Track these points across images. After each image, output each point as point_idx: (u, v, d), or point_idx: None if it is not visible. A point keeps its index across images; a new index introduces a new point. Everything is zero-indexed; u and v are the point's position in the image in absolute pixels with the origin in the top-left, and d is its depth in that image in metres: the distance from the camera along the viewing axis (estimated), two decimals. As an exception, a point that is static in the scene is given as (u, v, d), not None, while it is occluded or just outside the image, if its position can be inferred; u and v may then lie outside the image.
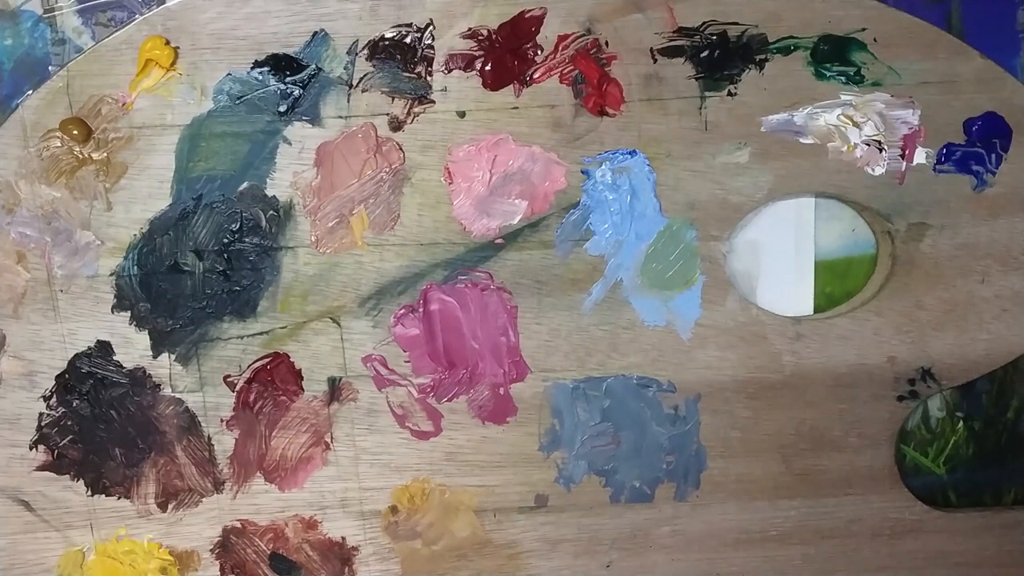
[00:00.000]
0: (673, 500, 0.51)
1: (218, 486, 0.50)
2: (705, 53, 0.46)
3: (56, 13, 0.48)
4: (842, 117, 0.46)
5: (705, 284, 0.48)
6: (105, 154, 0.47)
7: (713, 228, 0.48)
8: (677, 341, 0.49)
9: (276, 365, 0.49)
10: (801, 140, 0.47)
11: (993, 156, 0.47)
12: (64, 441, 0.50)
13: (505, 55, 0.46)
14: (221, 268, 0.48)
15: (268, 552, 0.51)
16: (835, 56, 0.46)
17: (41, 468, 0.50)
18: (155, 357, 0.49)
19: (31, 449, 0.50)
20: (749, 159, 0.47)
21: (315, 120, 0.47)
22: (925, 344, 0.48)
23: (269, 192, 0.47)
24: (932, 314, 0.48)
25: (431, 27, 0.46)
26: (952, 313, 0.48)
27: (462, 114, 0.47)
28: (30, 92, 0.47)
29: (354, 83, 0.46)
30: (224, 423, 0.50)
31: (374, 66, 0.46)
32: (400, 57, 0.46)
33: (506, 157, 0.47)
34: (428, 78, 0.46)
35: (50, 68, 0.48)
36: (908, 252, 0.48)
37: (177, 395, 0.49)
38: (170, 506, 0.51)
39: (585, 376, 0.49)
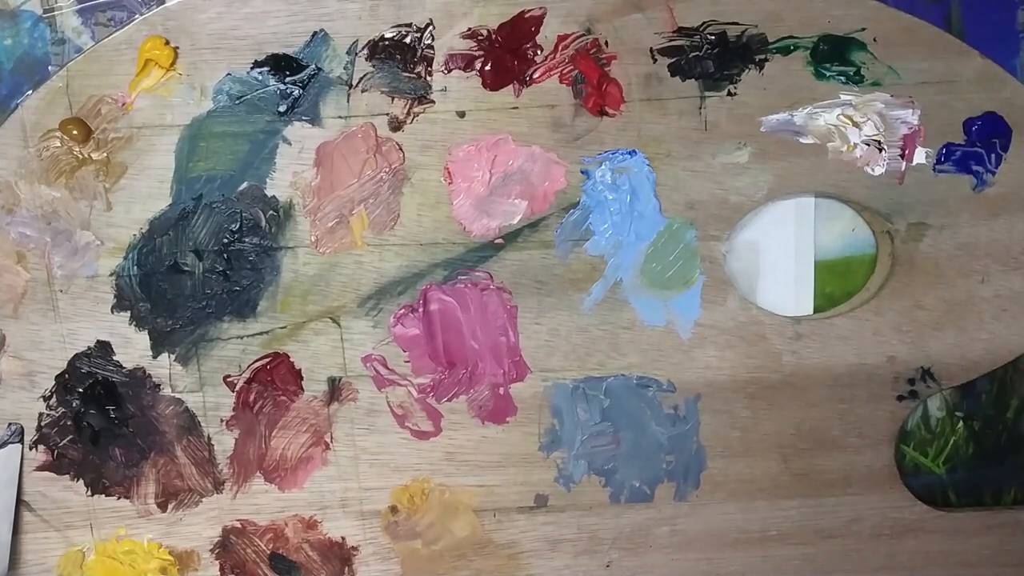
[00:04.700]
0: (673, 500, 0.51)
1: (218, 486, 0.50)
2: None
3: (56, 13, 0.48)
4: (842, 117, 0.46)
5: (705, 284, 0.48)
6: (105, 154, 0.47)
7: (713, 228, 0.48)
8: (677, 341, 0.49)
9: (276, 365, 0.49)
10: (801, 140, 0.47)
11: (993, 156, 0.47)
12: (64, 441, 0.50)
13: (505, 55, 0.46)
14: (221, 268, 0.48)
15: (268, 552, 0.51)
16: (835, 56, 0.46)
17: (41, 468, 0.50)
18: (155, 357, 0.49)
19: (31, 449, 0.50)
20: (749, 159, 0.47)
21: (315, 120, 0.47)
22: (925, 344, 0.48)
23: (269, 192, 0.47)
24: (932, 314, 0.48)
25: (431, 27, 0.46)
26: (952, 313, 0.48)
27: (462, 114, 0.47)
28: (30, 92, 0.47)
29: (354, 83, 0.46)
30: (224, 423, 0.50)
31: (374, 66, 0.46)
32: (400, 57, 0.46)
33: (506, 157, 0.47)
34: (428, 78, 0.46)
35: (50, 68, 0.48)
36: (908, 252, 0.48)
37: (177, 395, 0.49)
38: (170, 506, 0.51)
39: (585, 376, 0.49)
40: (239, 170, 0.47)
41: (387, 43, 0.46)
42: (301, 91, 0.46)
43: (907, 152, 0.47)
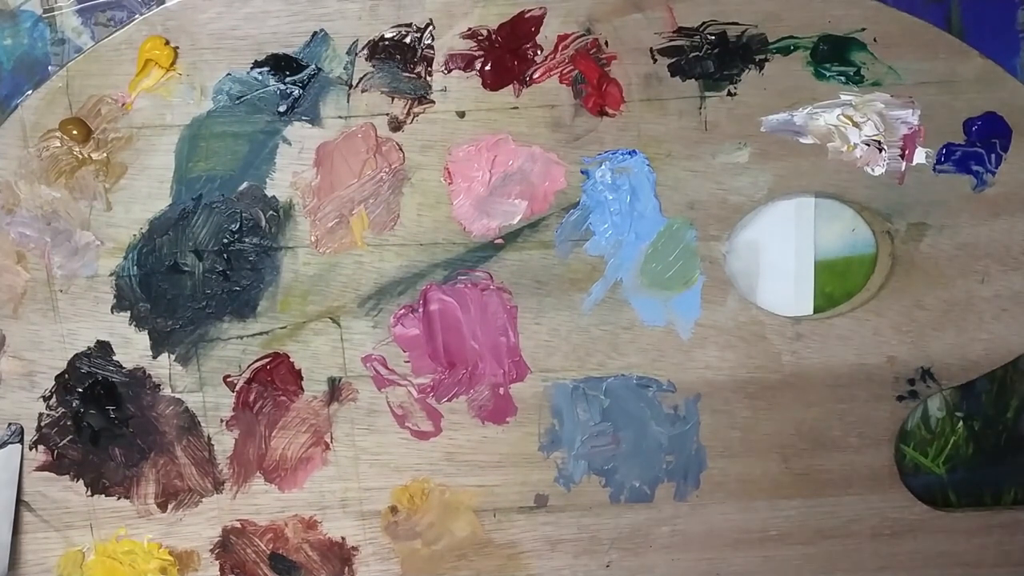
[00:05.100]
0: (673, 500, 0.51)
1: (218, 486, 0.50)
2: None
3: (56, 13, 0.48)
4: (842, 117, 0.46)
5: (705, 284, 0.48)
6: (105, 154, 0.47)
7: (713, 228, 0.48)
8: (677, 341, 0.49)
9: (276, 365, 0.49)
10: (801, 140, 0.47)
11: (993, 156, 0.47)
12: (64, 441, 0.50)
13: (505, 55, 0.46)
14: (221, 268, 0.48)
15: (268, 552, 0.51)
16: (835, 56, 0.46)
17: (41, 468, 0.50)
18: (155, 357, 0.49)
19: (31, 449, 0.50)
20: (749, 159, 0.47)
21: (315, 120, 0.47)
22: (925, 344, 0.48)
23: (269, 192, 0.47)
24: (932, 314, 0.48)
25: (431, 27, 0.46)
26: (952, 313, 0.48)
27: (462, 114, 0.47)
28: (30, 92, 0.47)
29: (354, 83, 0.46)
30: (224, 423, 0.50)
31: (374, 66, 0.46)
32: (400, 57, 0.46)
33: (506, 157, 0.47)
34: (428, 78, 0.46)
35: (50, 68, 0.48)
36: (908, 252, 0.48)
37: (177, 395, 0.49)
38: (170, 506, 0.51)
39: (585, 376, 0.49)
40: (239, 170, 0.47)
41: (387, 43, 0.46)
42: (301, 91, 0.46)
43: (907, 152, 0.47)
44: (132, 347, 0.49)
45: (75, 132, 0.46)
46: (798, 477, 0.50)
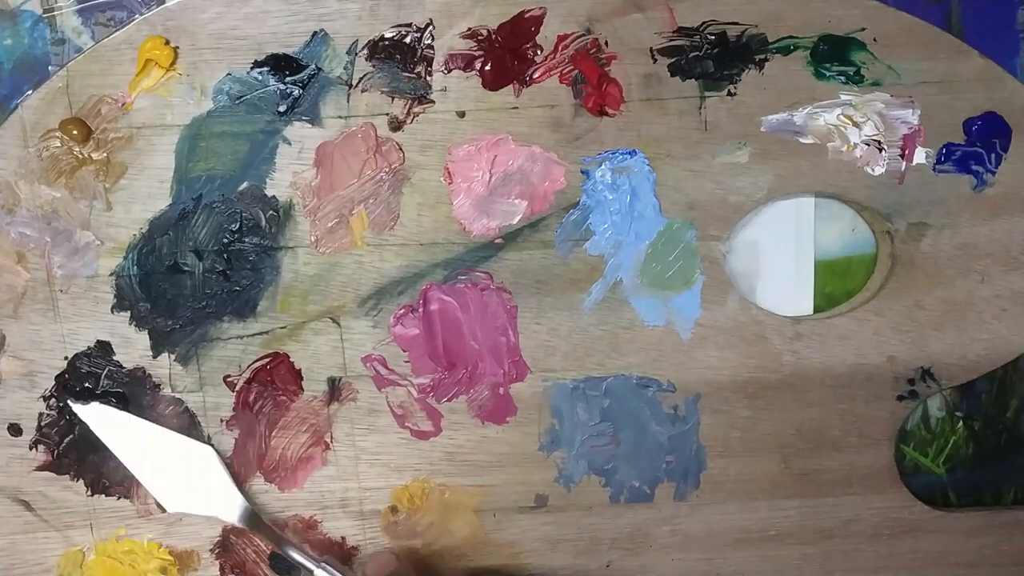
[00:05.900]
0: (673, 500, 0.51)
1: (218, 486, 0.51)
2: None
3: (56, 13, 0.48)
4: (842, 117, 0.46)
5: (705, 284, 0.48)
6: (105, 154, 0.47)
7: (713, 228, 0.48)
8: (677, 341, 0.49)
9: (276, 365, 0.49)
10: (801, 140, 0.47)
11: (993, 156, 0.47)
12: (64, 441, 0.50)
13: (505, 55, 0.46)
14: (221, 268, 0.48)
15: (268, 552, 0.51)
16: (835, 56, 0.46)
17: (41, 468, 0.50)
18: (155, 357, 0.49)
19: (31, 449, 0.50)
20: (749, 159, 0.47)
21: (315, 120, 0.47)
22: (925, 344, 0.48)
23: (269, 192, 0.47)
24: (932, 314, 0.48)
25: (431, 27, 0.46)
26: (952, 313, 0.48)
27: (462, 114, 0.47)
28: (30, 92, 0.47)
29: (354, 83, 0.46)
30: (224, 423, 0.50)
31: (374, 66, 0.46)
32: (400, 57, 0.46)
33: (506, 157, 0.47)
34: (428, 78, 0.46)
35: (50, 68, 0.48)
36: (908, 252, 0.48)
37: (177, 395, 0.49)
38: (170, 506, 0.51)
39: (585, 376, 0.49)
40: (239, 170, 0.47)
41: (387, 43, 0.46)
42: (301, 91, 0.46)
43: (907, 152, 0.47)
44: (132, 347, 0.49)
45: (75, 132, 0.46)
46: (798, 477, 0.50)
